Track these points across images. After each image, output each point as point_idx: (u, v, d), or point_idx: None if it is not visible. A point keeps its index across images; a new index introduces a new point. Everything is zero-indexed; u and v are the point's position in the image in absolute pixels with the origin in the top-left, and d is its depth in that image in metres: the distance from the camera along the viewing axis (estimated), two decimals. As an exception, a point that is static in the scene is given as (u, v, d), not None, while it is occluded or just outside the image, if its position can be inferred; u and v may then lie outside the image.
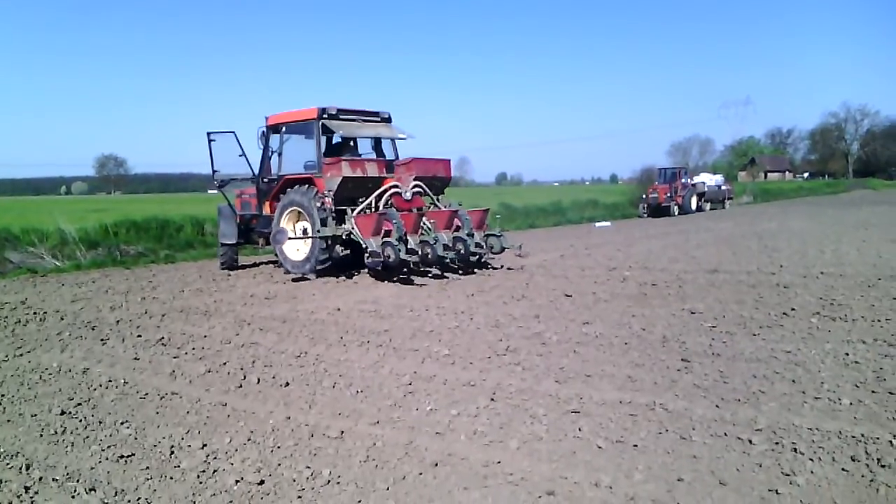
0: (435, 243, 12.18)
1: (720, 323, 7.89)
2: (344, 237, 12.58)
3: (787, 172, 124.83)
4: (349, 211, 12.68)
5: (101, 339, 8.21)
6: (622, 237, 21.72)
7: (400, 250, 11.60)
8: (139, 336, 8.34)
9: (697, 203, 40.25)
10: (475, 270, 13.40)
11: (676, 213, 37.11)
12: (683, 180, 39.36)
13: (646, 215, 37.14)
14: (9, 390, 6.23)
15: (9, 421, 5.42)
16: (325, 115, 13.39)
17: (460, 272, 13.10)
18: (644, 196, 38.32)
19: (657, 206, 37.05)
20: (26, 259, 16.28)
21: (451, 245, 12.60)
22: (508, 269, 13.61)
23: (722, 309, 8.66)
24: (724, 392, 5.40)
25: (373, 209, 12.89)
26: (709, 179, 44.85)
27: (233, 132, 14.46)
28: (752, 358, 6.35)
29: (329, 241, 12.50)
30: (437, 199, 14.28)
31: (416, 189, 13.64)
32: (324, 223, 12.44)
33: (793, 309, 8.42)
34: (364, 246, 11.96)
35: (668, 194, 37.24)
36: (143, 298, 11.17)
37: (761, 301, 9.07)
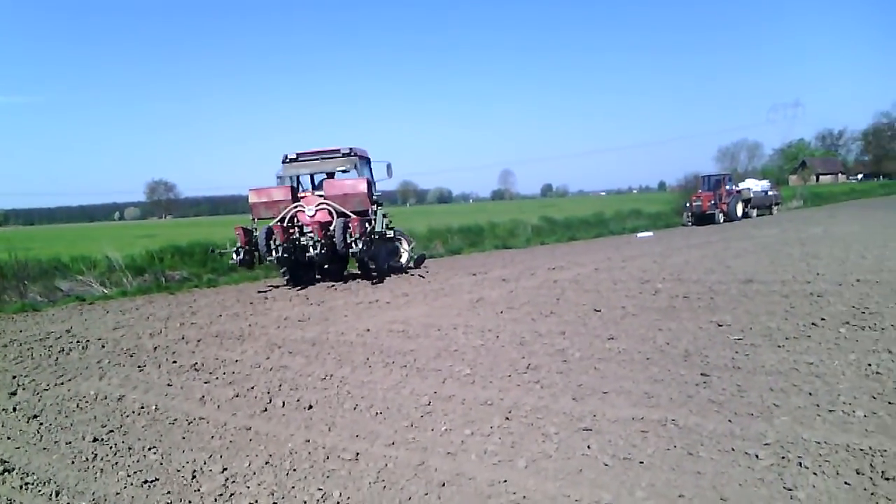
0: (279, 245, 15.69)
1: (747, 335, 7.81)
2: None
3: (839, 175, 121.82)
4: None
5: (139, 366, 8.51)
6: (661, 248, 21.49)
7: (240, 253, 16.10)
8: (174, 362, 8.61)
9: (744, 209, 39.54)
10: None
11: (722, 221, 36.50)
12: (728, 187, 38.71)
13: (690, 224, 36.63)
14: (47, 418, 6.53)
15: (44, 448, 5.69)
16: (286, 160, 17.49)
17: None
18: (688, 204, 37.82)
19: (701, 214, 36.51)
20: (75, 287, 16.86)
21: (319, 247, 15.51)
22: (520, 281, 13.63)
23: (750, 320, 8.58)
24: (739, 406, 5.39)
25: (282, 224, 16.31)
26: (755, 185, 43.93)
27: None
28: (773, 370, 6.31)
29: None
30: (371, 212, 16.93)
31: (321, 207, 16.62)
32: None
33: (822, 319, 8.29)
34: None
35: (713, 201, 36.67)
36: (181, 324, 11.51)
37: (792, 311, 8.94)
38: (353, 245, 15.45)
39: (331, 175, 17.79)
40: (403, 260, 19.13)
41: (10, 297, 15.97)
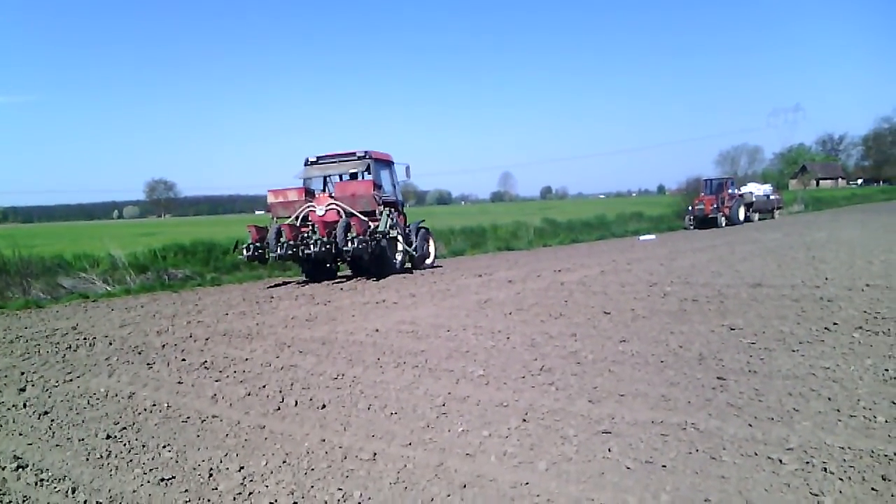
0: (281, 242, 16.58)
1: (760, 339, 7.78)
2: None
3: (839, 179, 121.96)
4: None
5: (147, 364, 8.47)
6: (666, 251, 21.48)
7: (250, 249, 17.09)
8: (183, 360, 8.58)
9: (746, 213, 39.63)
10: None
11: (724, 225, 36.54)
12: (730, 191, 38.82)
13: (692, 227, 36.64)
14: (58, 415, 6.49)
15: (58, 445, 5.65)
16: (307, 163, 18.58)
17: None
18: (690, 208, 37.86)
19: (704, 217, 36.57)
20: (78, 285, 16.84)
21: (320, 245, 16.24)
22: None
23: (762, 324, 8.54)
24: (758, 411, 5.35)
25: (297, 223, 17.48)
26: (757, 189, 44.06)
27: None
28: (790, 375, 6.26)
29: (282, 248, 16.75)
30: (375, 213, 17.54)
31: (331, 207, 17.40)
32: None
33: (835, 323, 8.25)
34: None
35: (715, 205, 36.72)
36: (188, 322, 11.48)
37: (803, 315, 8.91)
38: (348, 244, 15.98)
39: (354, 176, 18.67)
40: (430, 259, 20.18)
41: (13, 293, 15.97)
